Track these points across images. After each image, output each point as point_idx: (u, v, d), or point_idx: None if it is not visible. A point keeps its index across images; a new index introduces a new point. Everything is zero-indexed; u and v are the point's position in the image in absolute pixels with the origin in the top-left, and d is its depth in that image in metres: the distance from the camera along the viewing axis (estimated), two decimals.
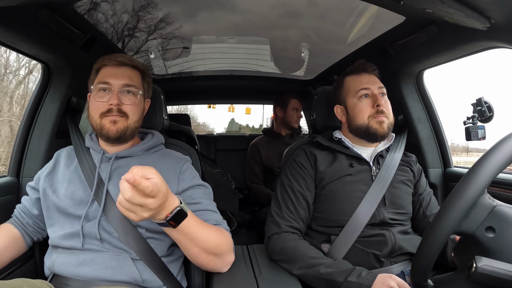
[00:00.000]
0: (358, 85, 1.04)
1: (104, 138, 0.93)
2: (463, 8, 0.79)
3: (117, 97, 0.90)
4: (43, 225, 0.96)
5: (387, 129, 1.02)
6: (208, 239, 0.79)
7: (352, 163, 1.03)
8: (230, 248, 0.87)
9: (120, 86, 0.91)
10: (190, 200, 0.90)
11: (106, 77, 0.92)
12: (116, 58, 0.93)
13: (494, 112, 1.10)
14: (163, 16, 1.26)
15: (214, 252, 0.82)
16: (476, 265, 0.52)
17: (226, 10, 1.24)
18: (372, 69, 1.08)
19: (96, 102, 0.91)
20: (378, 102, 1.01)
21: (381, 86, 1.05)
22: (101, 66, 0.94)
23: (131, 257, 0.85)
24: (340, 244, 0.95)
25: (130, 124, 0.92)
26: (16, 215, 0.97)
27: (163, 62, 1.82)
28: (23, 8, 0.86)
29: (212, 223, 0.87)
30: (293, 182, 1.03)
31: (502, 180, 1.14)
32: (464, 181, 0.55)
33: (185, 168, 0.96)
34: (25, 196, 1.00)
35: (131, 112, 0.92)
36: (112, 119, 0.90)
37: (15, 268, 0.95)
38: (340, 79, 1.11)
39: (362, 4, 1.06)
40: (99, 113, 0.91)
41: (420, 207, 1.08)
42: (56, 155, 1.02)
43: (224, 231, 0.87)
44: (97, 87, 0.92)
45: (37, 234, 0.97)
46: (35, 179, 0.99)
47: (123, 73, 0.93)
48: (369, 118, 1.02)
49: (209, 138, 2.80)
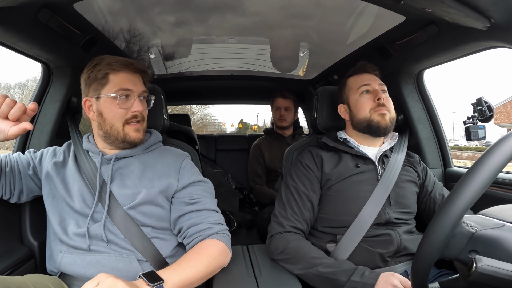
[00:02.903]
0: (360, 82, 1.07)
1: (126, 144, 0.93)
2: (463, 8, 0.79)
3: (140, 104, 0.92)
4: (17, 185, 0.93)
5: (389, 121, 1.03)
6: (198, 272, 0.79)
7: (358, 163, 1.04)
8: (222, 254, 0.86)
9: (140, 93, 0.93)
10: (188, 199, 0.91)
11: (127, 84, 0.91)
12: (133, 64, 0.94)
13: (494, 112, 1.10)
14: (163, 16, 1.26)
15: (209, 272, 0.82)
16: (476, 265, 0.52)
17: (226, 10, 1.24)
18: (373, 69, 1.10)
19: (119, 109, 0.90)
20: (379, 95, 1.03)
21: (381, 83, 1.07)
22: (112, 71, 0.91)
23: (137, 259, 0.85)
24: (345, 244, 0.96)
25: (145, 127, 0.97)
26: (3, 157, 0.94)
27: (163, 62, 1.83)
28: (23, 8, 0.86)
29: (204, 226, 0.87)
30: (298, 183, 1.03)
31: (502, 180, 1.13)
32: (438, 216, 0.55)
33: (184, 164, 0.96)
34: (20, 154, 0.98)
35: (146, 116, 0.97)
36: (136, 127, 0.93)
37: (15, 268, 0.95)
38: (343, 81, 1.14)
39: (362, 4, 1.06)
40: (123, 120, 0.91)
41: (435, 206, 1.09)
42: (67, 147, 1.01)
43: (210, 244, 0.85)
44: (119, 94, 0.90)
45: (4, 187, 0.92)
46: (39, 154, 0.98)
47: (139, 80, 0.95)
48: (370, 111, 1.03)
49: (209, 138, 2.80)
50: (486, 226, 0.57)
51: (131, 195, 0.89)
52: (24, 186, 0.95)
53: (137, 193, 0.89)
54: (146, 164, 0.94)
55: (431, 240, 0.56)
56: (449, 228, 0.54)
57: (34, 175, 0.95)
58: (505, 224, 0.57)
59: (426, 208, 1.10)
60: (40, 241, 1.05)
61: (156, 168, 0.94)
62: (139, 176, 0.91)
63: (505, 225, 0.57)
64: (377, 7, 1.02)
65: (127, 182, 0.91)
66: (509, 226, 0.57)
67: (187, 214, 0.90)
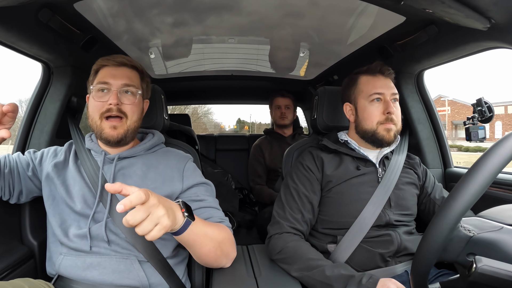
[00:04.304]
0: (372, 88, 1.02)
1: (103, 141, 0.93)
2: (463, 8, 0.79)
3: (117, 97, 0.90)
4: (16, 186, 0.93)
5: (394, 137, 1.02)
6: (215, 236, 0.81)
7: (358, 165, 1.04)
8: (233, 244, 0.89)
9: (119, 86, 0.91)
10: (194, 197, 0.91)
11: (105, 77, 0.92)
12: (115, 58, 0.94)
13: (494, 112, 1.10)
14: (163, 16, 1.26)
15: (221, 248, 0.83)
16: (476, 265, 0.52)
17: (227, 10, 1.24)
18: (389, 72, 1.05)
19: (95, 102, 0.91)
20: (389, 109, 0.99)
21: (395, 92, 1.03)
22: (100, 67, 0.94)
23: (139, 260, 0.85)
24: (346, 244, 0.96)
25: (130, 125, 0.92)
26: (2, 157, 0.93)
27: (163, 62, 1.82)
28: (23, 8, 0.86)
29: (215, 221, 0.88)
30: (299, 185, 1.03)
31: (502, 180, 1.13)
32: (435, 221, 0.55)
33: (188, 166, 0.97)
34: (20, 154, 0.97)
35: (130, 112, 0.92)
36: (112, 124, 0.90)
37: (15, 268, 0.95)
38: (353, 77, 1.08)
39: (362, 4, 1.06)
40: (99, 113, 0.90)
41: (434, 207, 1.08)
42: (68, 147, 1.01)
43: (226, 228, 0.88)
44: (97, 87, 0.92)
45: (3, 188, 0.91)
46: (39, 155, 0.98)
47: (122, 73, 0.93)
48: (377, 124, 1.01)
49: (209, 138, 2.81)
50: (484, 229, 0.58)
51: None
52: (23, 187, 0.94)
53: None
54: (149, 165, 0.94)
55: (429, 244, 0.56)
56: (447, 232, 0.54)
57: (34, 176, 0.95)
58: (503, 227, 0.57)
59: (426, 210, 1.10)
60: (40, 241, 1.05)
61: (159, 169, 0.94)
62: (141, 177, 0.91)
63: (503, 228, 0.57)
64: (377, 7, 1.02)
65: (130, 183, 0.89)
66: (507, 229, 0.57)
67: (195, 210, 0.89)
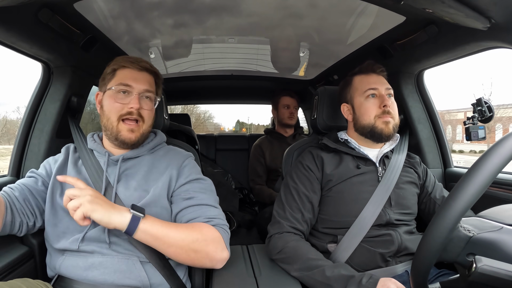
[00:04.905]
0: (366, 85, 1.05)
1: (118, 143, 0.93)
2: (463, 8, 0.79)
3: (138, 101, 0.91)
4: (34, 210, 0.89)
5: (392, 129, 1.02)
6: (182, 237, 0.79)
7: (358, 164, 1.04)
8: (218, 244, 0.84)
9: (141, 91, 0.92)
10: (184, 195, 0.91)
11: (127, 80, 0.92)
12: (139, 62, 0.94)
13: (494, 112, 1.10)
14: (164, 16, 1.26)
15: (193, 250, 0.80)
16: (476, 265, 0.52)
17: (227, 11, 1.24)
18: (381, 70, 1.08)
19: (115, 103, 0.91)
20: (385, 102, 1.01)
21: (388, 87, 1.05)
22: (120, 67, 0.94)
23: (140, 260, 0.85)
24: (346, 244, 0.96)
25: (145, 129, 0.94)
26: (6, 190, 0.88)
27: (163, 62, 1.82)
28: (23, 8, 0.86)
29: (201, 221, 0.86)
30: (299, 184, 1.03)
31: (502, 180, 1.13)
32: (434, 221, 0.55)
33: (186, 164, 0.97)
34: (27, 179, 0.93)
35: (147, 117, 0.94)
36: (130, 127, 0.91)
37: (15, 268, 0.95)
38: (348, 79, 1.12)
39: (362, 4, 1.06)
40: (118, 115, 0.91)
41: (435, 206, 1.09)
42: (65, 150, 1.00)
43: (208, 227, 0.84)
44: (118, 88, 0.92)
45: (23, 216, 0.86)
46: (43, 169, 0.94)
47: (144, 78, 0.94)
48: (375, 118, 1.02)
49: (209, 138, 2.80)
50: (484, 230, 0.58)
51: (137, 197, 0.88)
52: (41, 202, 0.90)
53: (142, 195, 0.88)
54: (152, 165, 0.94)
55: (429, 244, 0.56)
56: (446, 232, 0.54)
57: (44, 187, 0.92)
58: (503, 227, 0.57)
59: (426, 209, 1.10)
60: (40, 240, 1.04)
61: (160, 168, 0.94)
62: (144, 177, 0.91)
63: (503, 228, 0.57)
64: (377, 7, 1.02)
65: (132, 183, 0.90)
66: (507, 229, 0.57)
67: (184, 209, 0.89)
